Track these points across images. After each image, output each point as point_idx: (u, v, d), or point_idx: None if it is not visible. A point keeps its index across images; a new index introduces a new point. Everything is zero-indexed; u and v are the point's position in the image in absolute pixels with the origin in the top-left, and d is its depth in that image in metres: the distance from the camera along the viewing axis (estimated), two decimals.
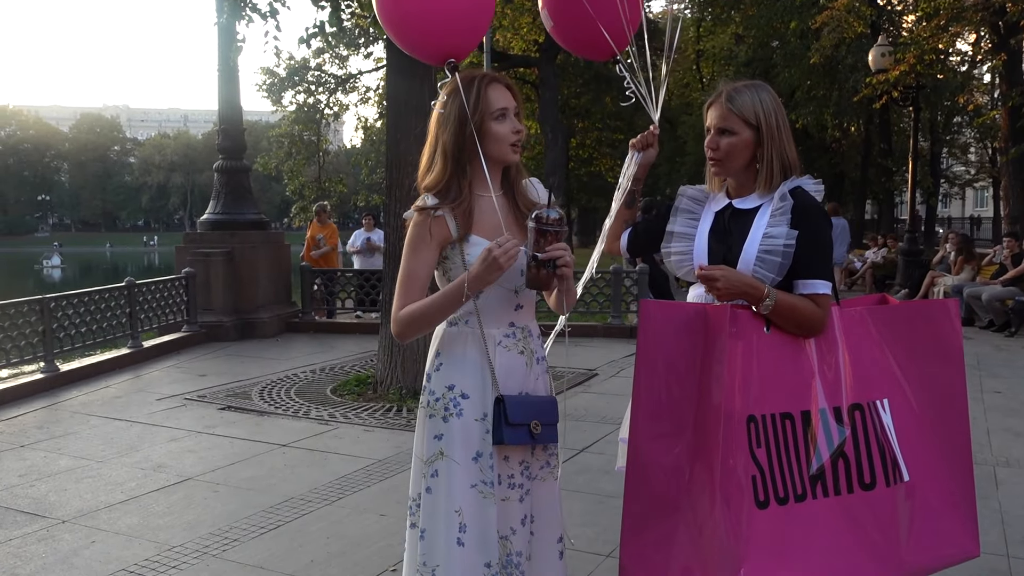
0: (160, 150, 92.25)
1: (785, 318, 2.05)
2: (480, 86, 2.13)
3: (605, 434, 5.53)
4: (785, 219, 2.10)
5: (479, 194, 2.17)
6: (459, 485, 2.09)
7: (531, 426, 2.10)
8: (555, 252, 1.97)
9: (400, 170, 6.94)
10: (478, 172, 2.15)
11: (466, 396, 2.13)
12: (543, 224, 1.97)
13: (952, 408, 2.26)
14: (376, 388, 6.95)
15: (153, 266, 58.40)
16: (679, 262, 2.29)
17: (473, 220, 2.13)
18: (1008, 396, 6.71)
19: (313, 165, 24.41)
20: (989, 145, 26.26)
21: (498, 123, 2.12)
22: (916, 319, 2.27)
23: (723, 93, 2.20)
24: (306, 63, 22.88)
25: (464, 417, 2.12)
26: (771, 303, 2.03)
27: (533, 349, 2.22)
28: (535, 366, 2.21)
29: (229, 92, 10.79)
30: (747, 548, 1.95)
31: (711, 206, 2.30)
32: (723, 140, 2.18)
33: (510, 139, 2.13)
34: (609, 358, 8.43)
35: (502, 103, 2.13)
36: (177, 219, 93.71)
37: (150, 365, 8.37)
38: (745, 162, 2.19)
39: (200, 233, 10.83)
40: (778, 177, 2.17)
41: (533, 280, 2.02)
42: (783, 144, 2.17)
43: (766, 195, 2.18)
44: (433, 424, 2.16)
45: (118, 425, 6.03)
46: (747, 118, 2.15)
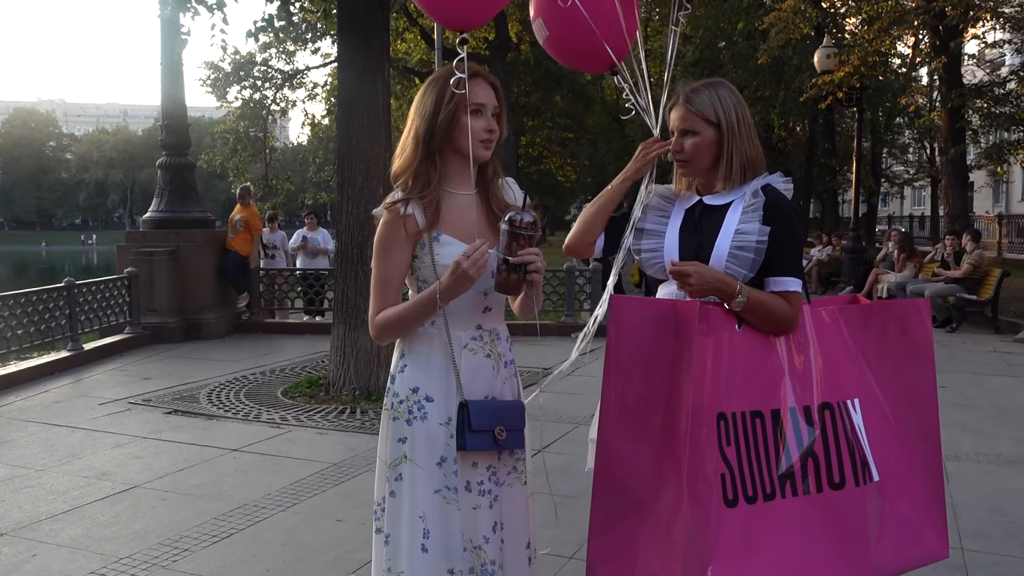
0: (98, 146, 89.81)
1: (757, 315, 2.04)
2: (460, 84, 2.07)
3: (562, 434, 5.50)
4: (757, 215, 2.10)
5: (451, 191, 2.12)
6: (422, 490, 2.05)
7: (495, 432, 2.05)
8: (527, 257, 1.93)
9: (351, 168, 6.82)
10: (450, 166, 2.11)
11: (431, 399, 2.08)
12: (516, 227, 1.93)
13: (922, 409, 2.26)
14: (328, 389, 6.82)
15: (92, 266, 56.76)
16: (649, 259, 2.26)
17: (442, 216, 2.08)
18: (952, 391, 6.87)
19: (259, 162, 24.02)
20: (928, 145, 27.01)
21: (473, 118, 2.07)
22: (887, 319, 2.27)
23: (681, 94, 2.20)
24: (252, 58, 22.51)
25: (428, 421, 2.07)
26: (744, 300, 2.02)
27: (501, 352, 2.17)
28: (502, 370, 2.16)
29: (173, 87, 10.50)
30: (715, 547, 1.93)
31: (681, 203, 2.28)
32: (687, 141, 2.17)
33: (480, 135, 2.07)
34: (563, 356, 8.39)
35: (480, 99, 2.08)
36: (116, 217, 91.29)
37: (91, 368, 8.09)
38: (711, 161, 2.19)
39: (143, 232, 10.53)
40: (738, 172, 2.16)
41: (503, 284, 1.98)
42: (745, 140, 2.17)
43: (736, 191, 2.17)
44: (397, 427, 2.10)
45: (58, 431, 5.80)
46: (707, 116, 2.15)
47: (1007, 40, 18.52)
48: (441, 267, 2.04)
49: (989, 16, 14.86)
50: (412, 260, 2.10)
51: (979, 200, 33.53)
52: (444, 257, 2.05)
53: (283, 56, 23.04)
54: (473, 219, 2.11)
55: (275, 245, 12.26)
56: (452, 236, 2.07)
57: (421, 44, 22.04)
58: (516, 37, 22.95)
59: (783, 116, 20.27)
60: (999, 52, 22.27)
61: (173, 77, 10.49)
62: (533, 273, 1.95)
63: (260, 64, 22.80)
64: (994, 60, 22.31)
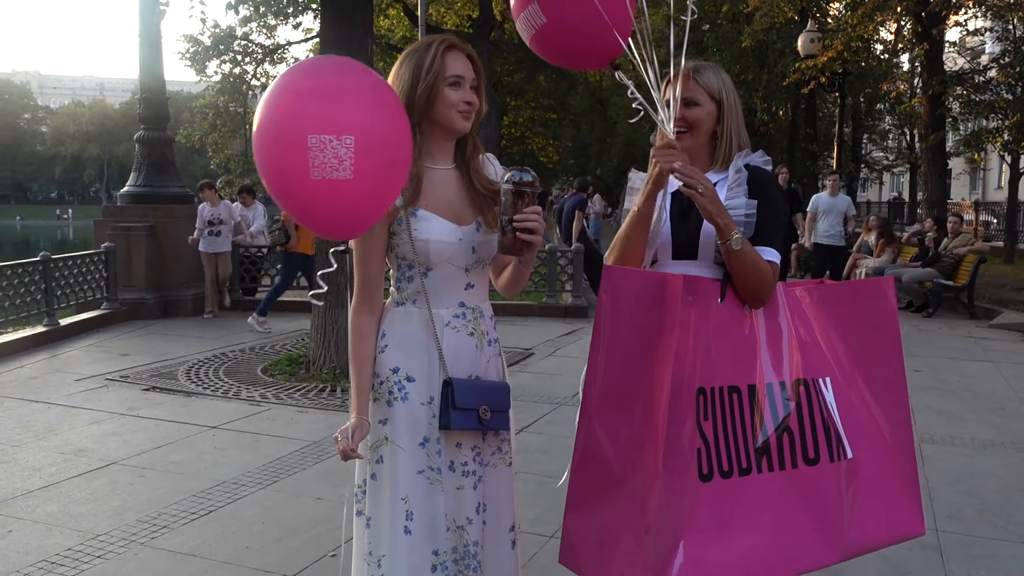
0: (74, 119, 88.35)
1: (747, 267, 2.04)
2: (437, 50, 2.04)
3: (543, 414, 5.52)
4: (743, 190, 2.13)
5: (430, 166, 2.08)
6: (405, 471, 2.02)
7: (480, 411, 2.03)
8: (530, 215, 1.91)
9: None
10: (428, 140, 2.08)
11: (411, 379, 2.05)
12: (520, 186, 1.91)
13: (891, 386, 2.28)
14: (308, 367, 6.79)
15: (67, 240, 56.05)
16: None
17: (422, 191, 2.05)
18: (928, 375, 6.95)
19: (239, 138, 23.74)
20: (908, 132, 27.18)
21: (451, 89, 2.03)
22: (854, 299, 2.28)
23: (691, 66, 2.23)
24: (232, 32, 22.15)
25: (409, 401, 2.04)
26: (740, 238, 2.03)
27: (484, 331, 2.14)
28: (486, 348, 2.14)
29: (151, 60, 10.33)
30: (688, 521, 1.94)
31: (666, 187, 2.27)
32: (688, 111, 2.19)
33: (459, 106, 2.03)
34: (545, 337, 8.42)
35: (458, 70, 2.04)
36: (93, 191, 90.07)
37: (68, 344, 8.00)
38: (708, 135, 2.22)
39: (121, 207, 10.40)
40: (733, 153, 2.21)
41: (510, 246, 1.95)
42: (739, 121, 2.22)
43: (721, 172, 2.20)
44: (377, 408, 2.07)
45: (34, 408, 5.73)
46: (712, 92, 2.20)
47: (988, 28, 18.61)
48: (419, 243, 2.02)
49: (971, 3, 14.93)
50: (391, 237, 2.06)
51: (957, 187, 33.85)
52: (422, 232, 2.02)
53: (264, 30, 22.68)
54: (452, 194, 2.08)
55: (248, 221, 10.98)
56: (430, 211, 2.04)
57: (404, 20, 21.82)
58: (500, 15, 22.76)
59: (766, 100, 20.29)
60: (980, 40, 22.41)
61: (151, 50, 10.33)
62: (533, 234, 1.92)
63: (240, 38, 22.44)
64: (975, 48, 22.44)
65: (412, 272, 2.07)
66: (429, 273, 2.06)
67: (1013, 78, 15.61)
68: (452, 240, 2.04)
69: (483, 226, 2.08)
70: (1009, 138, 16.12)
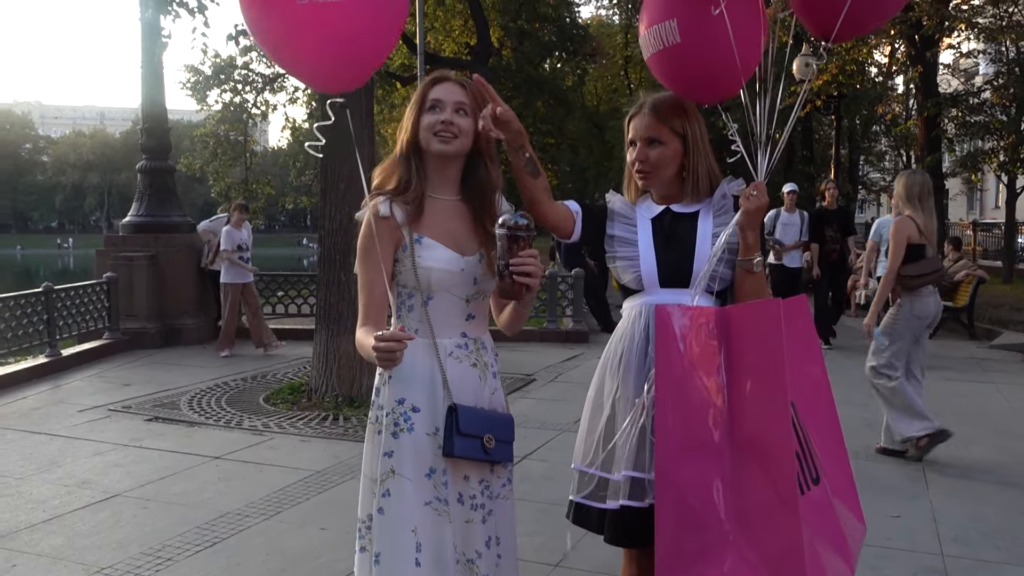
0: (75, 148, 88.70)
1: (760, 284, 2.11)
2: (426, 84, 2.11)
3: (546, 440, 5.52)
4: (731, 216, 2.15)
5: (432, 195, 2.11)
6: (412, 503, 2.00)
7: (484, 439, 2.02)
8: (527, 259, 1.91)
9: (334, 173, 6.81)
10: (430, 170, 2.11)
11: (417, 410, 2.04)
12: (514, 230, 1.91)
13: (821, 397, 2.28)
14: (311, 396, 6.79)
15: (68, 269, 56.13)
16: (625, 267, 2.24)
17: (424, 219, 2.07)
18: (930, 397, 6.89)
19: (239, 166, 23.87)
20: (904, 153, 27.33)
21: (428, 113, 2.07)
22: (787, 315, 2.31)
23: (647, 103, 2.21)
24: (232, 61, 22.36)
25: (415, 432, 2.03)
26: (761, 260, 2.10)
27: (487, 362, 2.14)
28: (490, 380, 2.14)
29: (153, 90, 10.42)
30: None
31: (642, 214, 2.28)
32: (651, 151, 2.18)
33: (434, 127, 2.05)
34: (546, 363, 8.43)
35: (437, 95, 2.08)
36: (93, 220, 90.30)
37: (70, 375, 8.00)
38: (674, 172, 2.21)
39: (122, 236, 10.44)
40: (705, 185, 2.21)
41: (506, 290, 1.95)
42: (707, 153, 2.23)
43: (702, 200, 2.23)
44: (383, 441, 2.05)
45: (37, 439, 5.73)
46: (674, 128, 2.18)
47: (982, 50, 18.80)
48: (422, 270, 2.03)
49: (964, 26, 15.09)
50: (394, 264, 2.08)
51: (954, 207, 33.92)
52: (425, 260, 2.03)
53: (264, 59, 22.90)
54: (456, 225, 2.10)
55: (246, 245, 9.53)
56: (434, 239, 2.06)
57: (403, 49, 22.00)
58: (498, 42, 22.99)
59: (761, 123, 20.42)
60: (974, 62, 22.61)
61: (153, 80, 10.41)
62: (531, 278, 1.92)
63: (241, 67, 22.68)
64: (968, 70, 22.63)
65: (413, 301, 2.08)
66: (430, 302, 2.07)
67: (1007, 99, 15.76)
68: (454, 269, 2.06)
69: (485, 258, 2.10)
70: (1005, 159, 16.23)
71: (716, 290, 2.14)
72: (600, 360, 2.31)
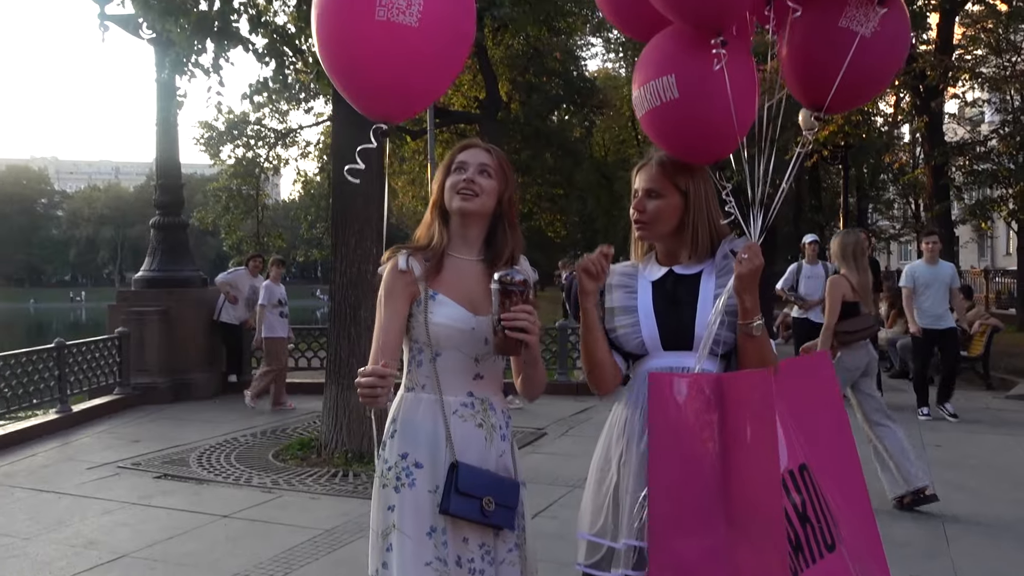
0: (90, 203, 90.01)
1: (762, 353, 2.05)
2: (456, 151, 2.17)
3: (558, 497, 5.44)
4: (731, 276, 2.09)
5: (453, 254, 2.14)
6: (412, 562, 1.98)
7: (483, 501, 1.99)
8: (519, 314, 1.91)
9: (346, 227, 6.86)
10: (453, 230, 2.16)
11: (420, 465, 2.04)
12: (507, 285, 1.92)
13: (846, 457, 2.25)
14: (320, 452, 6.74)
15: (80, 323, 56.36)
16: (628, 335, 2.18)
17: (441, 276, 2.10)
18: (948, 449, 6.85)
19: (251, 220, 24.11)
20: (912, 201, 27.40)
21: (454, 174, 2.13)
22: (802, 375, 2.27)
23: (655, 157, 2.22)
24: (246, 117, 22.75)
25: (416, 488, 2.03)
26: (761, 324, 2.03)
27: (495, 424, 2.12)
28: (497, 442, 2.12)
29: (168, 147, 10.59)
30: None
31: (644, 276, 2.25)
32: (651, 203, 2.18)
33: (457, 187, 2.10)
34: (557, 416, 8.36)
35: (464, 158, 2.14)
36: (106, 274, 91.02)
37: (80, 431, 7.98)
38: (672, 227, 2.19)
39: (135, 291, 10.51)
40: (705, 243, 2.18)
41: (501, 345, 1.96)
42: (711, 213, 2.19)
43: (697, 263, 2.19)
44: (386, 494, 2.06)
45: (45, 497, 5.70)
46: (676, 183, 2.17)
47: (986, 100, 18.95)
48: (433, 326, 2.05)
49: (968, 77, 15.24)
50: (408, 319, 2.10)
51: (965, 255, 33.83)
52: (437, 316, 2.05)
53: (276, 115, 23.33)
54: (472, 284, 2.11)
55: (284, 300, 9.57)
56: (448, 297, 2.08)
57: None
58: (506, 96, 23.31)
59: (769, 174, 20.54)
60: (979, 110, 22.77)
61: (168, 137, 10.59)
62: (527, 334, 1.92)
63: (254, 123, 23.06)
64: (974, 118, 22.79)
65: (422, 356, 2.10)
66: (438, 358, 2.08)
67: (1014, 148, 15.81)
68: (465, 328, 2.07)
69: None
70: (1015, 206, 16.23)
71: (721, 352, 2.10)
72: (606, 423, 2.27)
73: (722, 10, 2.01)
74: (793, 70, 2.19)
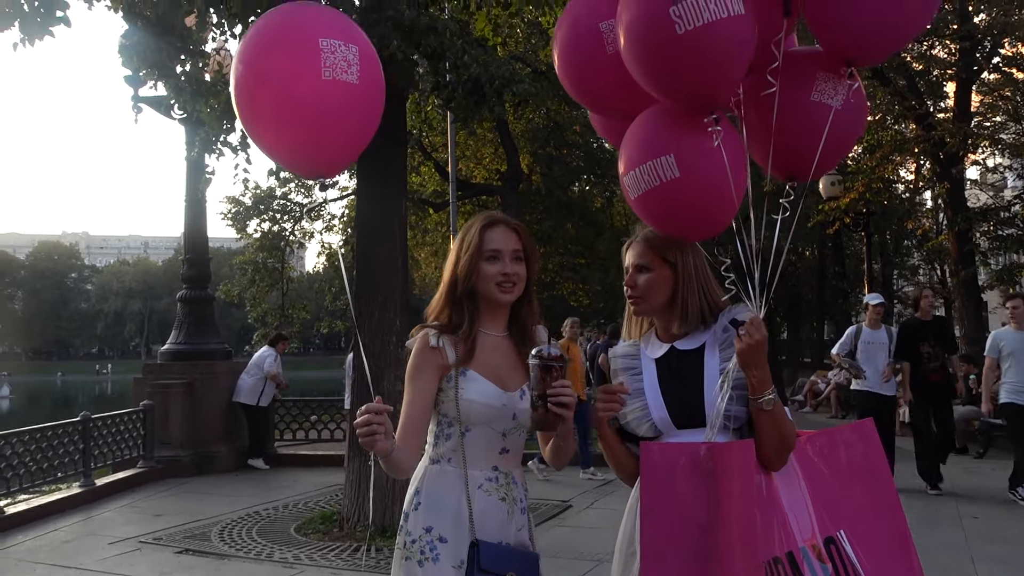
0: (119, 277, 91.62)
1: (776, 428, 1.99)
2: (477, 228, 2.16)
3: (584, 572, 5.32)
4: (734, 349, 2.05)
5: (484, 331, 2.16)
6: None
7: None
8: (563, 390, 1.92)
9: (370, 300, 6.91)
10: (482, 308, 2.16)
11: (444, 540, 2.03)
12: (547, 360, 1.93)
13: (894, 528, 2.19)
14: (343, 525, 6.66)
15: (105, 395, 56.73)
16: (639, 420, 2.15)
17: (475, 356, 2.11)
18: (986, 521, 6.65)
19: (276, 292, 24.37)
20: (937, 267, 27.22)
21: (488, 263, 2.13)
22: (844, 443, 2.24)
23: (640, 234, 2.24)
24: (272, 192, 23.22)
25: (440, 563, 2.01)
26: (773, 399, 1.97)
27: (516, 497, 2.13)
28: (517, 516, 2.12)
29: (196, 222, 10.82)
30: None
31: (647, 354, 2.22)
32: (641, 277, 2.18)
33: (496, 279, 2.12)
34: (582, 489, 8.24)
35: (496, 244, 2.14)
36: (133, 346, 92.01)
37: (102, 505, 7.96)
38: (665, 300, 2.18)
39: (160, 364, 10.59)
40: (695, 316, 2.15)
41: (540, 421, 1.95)
42: (702, 284, 2.18)
43: (704, 333, 2.16)
44: (408, 568, 2.04)
45: (67, 574, 5.65)
46: (664, 256, 2.17)
47: (1007, 165, 18.95)
48: (464, 402, 2.06)
49: (988, 143, 15.27)
50: (438, 393, 2.10)
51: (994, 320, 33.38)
52: (468, 392, 2.06)
53: (302, 190, 23.77)
54: (501, 360, 2.14)
55: None
56: (479, 373, 2.09)
57: (435, 176, 22.72)
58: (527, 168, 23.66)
59: (792, 241, 20.58)
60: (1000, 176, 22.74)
61: (196, 213, 10.83)
62: (564, 408, 1.92)
63: (279, 198, 23.52)
64: (995, 184, 22.76)
65: (452, 431, 2.10)
66: (468, 433, 2.08)
67: None
68: (496, 404, 2.08)
69: (527, 394, 2.09)
70: None
71: (733, 428, 2.05)
72: (627, 504, 2.23)
73: (717, 90, 2.05)
74: (764, 143, 2.19)
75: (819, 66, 2.19)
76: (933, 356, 7.82)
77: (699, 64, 1.96)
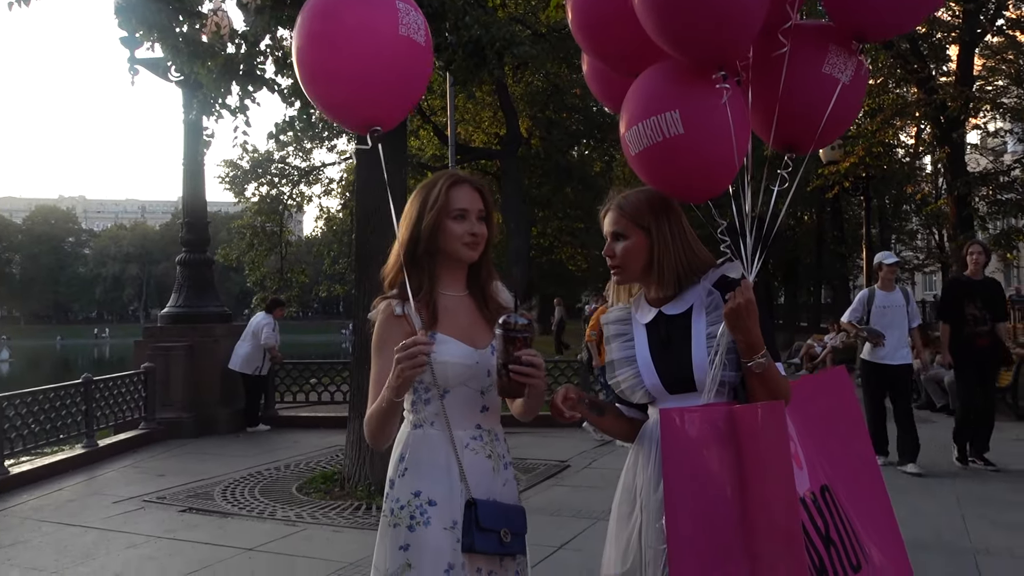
0: (116, 241, 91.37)
1: (769, 388, 1.98)
2: (443, 186, 2.13)
3: (582, 529, 5.41)
4: (720, 312, 2.04)
5: (446, 292, 2.15)
6: None
7: (501, 533, 2.01)
8: (527, 359, 1.92)
9: (369, 263, 6.92)
10: (441, 269, 2.15)
11: (433, 503, 2.02)
12: (511, 330, 1.92)
13: (869, 475, 2.23)
14: (344, 485, 6.75)
15: (104, 359, 56.95)
16: (632, 387, 2.15)
17: (439, 317, 2.10)
18: (979, 484, 6.73)
19: (274, 256, 24.36)
20: (936, 231, 27.22)
21: (455, 222, 2.11)
22: (820, 394, 2.25)
23: (614, 200, 2.20)
24: (270, 156, 23.12)
25: (432, 526, 2.01)
26: (765, 361, 1.96)
27: (500, 453, 2.15)
28: (502, 471, 2.14)
29: (194, 186, 10.79)
30: None
31: (637, 319, 2.21)
32: (618, 246, 2.16)
33: (464, 238, 2.11)
34: (580, 449, 8.32)
35: (463, 203, 2.12)
36: (131, 310, 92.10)
37: (105, 465, 8.05)
38: (644, 265, 2.16)
39: (161, 327, 10.64)
40: (671, 278, 2.12)
41: (505, 388, 1.97)
42: (679, 246, 2.13)
43: (690, 294, 2.13)
44: (397, 534, 2.03)
45: (72, 531, 5.74)
46: (638, 222, 2.14)
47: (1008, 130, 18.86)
48: (439, 365, 2.04)
49: (989, 107, 15.20)
50: None
51: None
52: (441, 354, 2.05)
53: (300, 153, 23.69)
54: (466, 319, 2.14)
55: None
56: (448, 335, 2.08)
57: (434, 140, 22.63)
58: (526, 132, 23.53)
59: (790, 205, 20.55)
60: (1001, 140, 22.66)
61: (194, 177, 10.80)
62: (533, 378, 1.92)
63: (278, 161, 23.44)
64: (996, 148, 22.67)
65: (430, 395, 2.09)
66: (447, 395, 2.08)
67: None
68: (470, 363, 2.08)
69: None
70: None
71: (728, 390, 2.05)
72: (625, 463, 2.24)
73: (728, 44, 2.02)
74: (768, 111, 2.17)
75: (831, 39, 2.17)
76: (980, 319, 7.05)
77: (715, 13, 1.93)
